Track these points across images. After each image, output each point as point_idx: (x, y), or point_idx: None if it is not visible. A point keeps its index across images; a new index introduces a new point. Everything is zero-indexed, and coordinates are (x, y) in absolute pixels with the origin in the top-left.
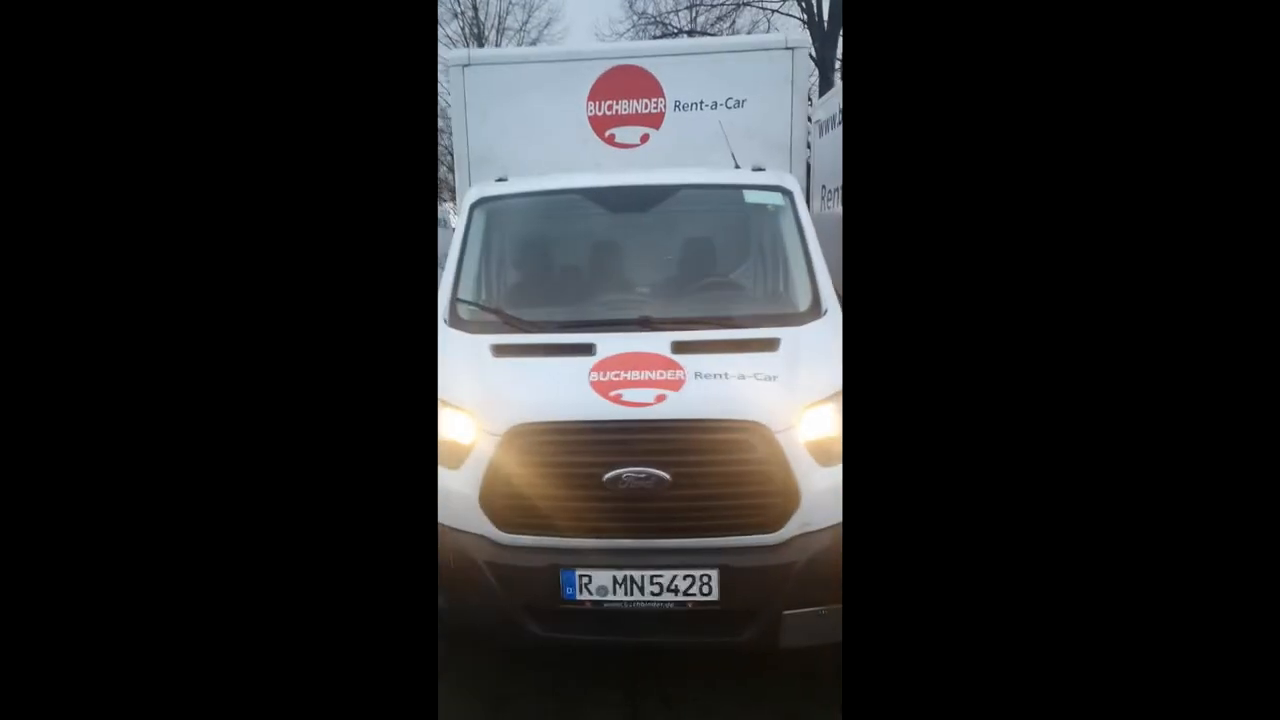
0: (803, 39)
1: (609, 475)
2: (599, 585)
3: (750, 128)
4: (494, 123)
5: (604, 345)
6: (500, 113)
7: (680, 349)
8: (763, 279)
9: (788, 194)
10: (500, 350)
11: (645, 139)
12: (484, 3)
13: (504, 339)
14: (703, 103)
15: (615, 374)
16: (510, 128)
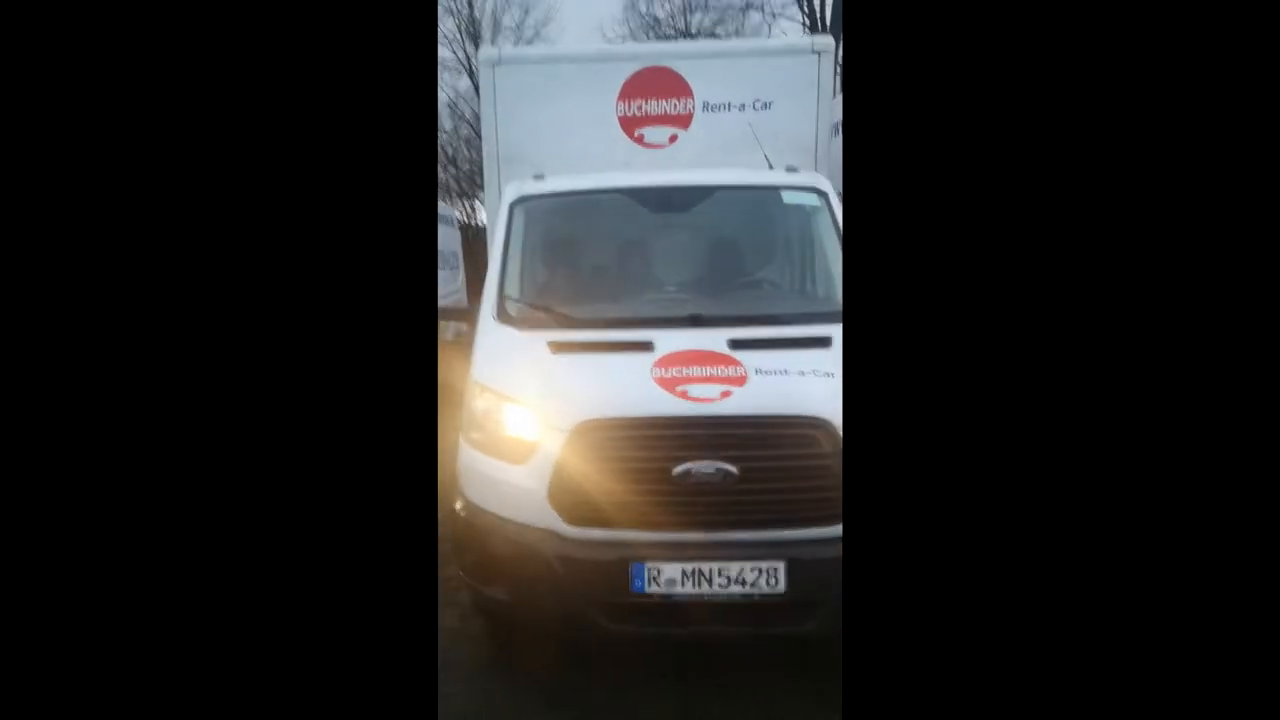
0: (828, 43)
1: (679, 470)
2: (668, 578)
3: (777, 129)
4: (524, 121)
5: (662, 342)
6: (530, 111)
7: (737, 346)
8: (801, 278)
9: (823, 195)
10: (558, 347)
11: (674, 139)
12: (480, 1)
13: (560, 335)
14: (731, 104)
15: (678, 370)
16: (540, 126)
